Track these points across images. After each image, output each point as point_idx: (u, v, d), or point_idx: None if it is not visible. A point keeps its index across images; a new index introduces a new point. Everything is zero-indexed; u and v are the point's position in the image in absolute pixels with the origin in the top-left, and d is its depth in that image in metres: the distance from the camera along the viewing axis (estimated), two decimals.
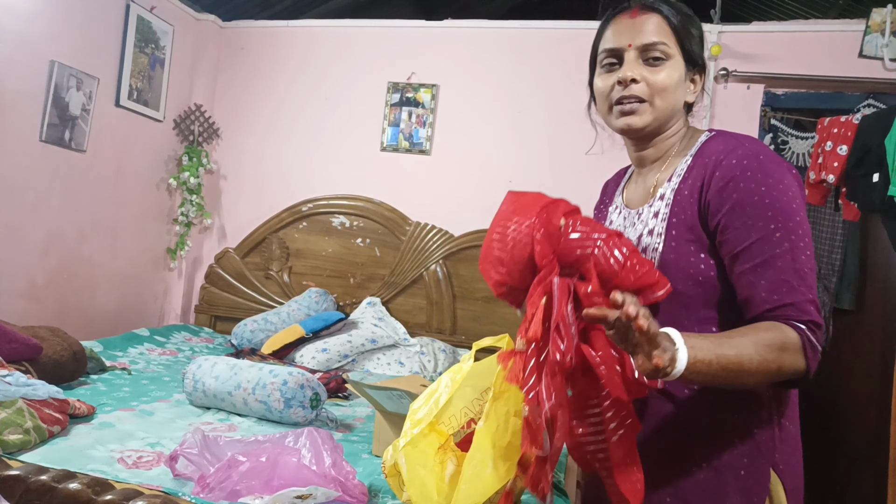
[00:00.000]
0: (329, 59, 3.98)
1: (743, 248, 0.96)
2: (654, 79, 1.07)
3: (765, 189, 0.96)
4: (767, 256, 0.95)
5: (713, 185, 1.00)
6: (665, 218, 1.06)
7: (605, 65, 1.13)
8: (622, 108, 1.10)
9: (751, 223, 0.96)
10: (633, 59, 1.08)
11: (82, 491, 1.26)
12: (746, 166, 0.98)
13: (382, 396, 1.82)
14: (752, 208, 0.96)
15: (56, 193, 3.20)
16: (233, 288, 3.95)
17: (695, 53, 1.11)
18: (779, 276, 0.94)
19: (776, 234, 0.95)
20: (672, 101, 1.09)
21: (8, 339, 2.20)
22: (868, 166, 2.74)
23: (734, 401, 1.00)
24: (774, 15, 3.81)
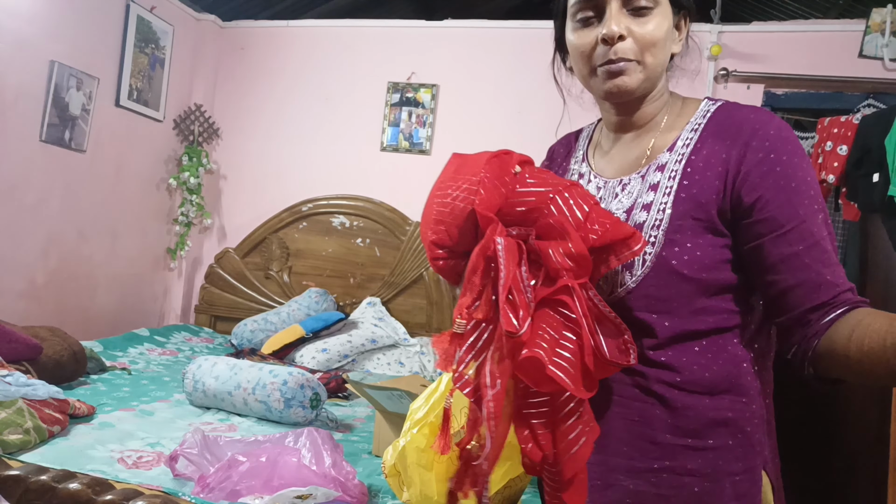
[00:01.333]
0: (329, 59, 3.98)
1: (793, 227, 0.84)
2: (642, 31, 0.90)
3: (806, 166, 0.87)
4: (819, 238, 0.84)
5: (749, 157, 0.87)
6: (670, 191, 0.90)
7: (580, 19, 0.94)
8: (609, 68, 0.92)
9: (796, 200, 0.85)
10: (616, 9, 0.90)
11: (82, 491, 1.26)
12: (786, 139, 0.87)
13: (382, 396, 1.82)
14: (797, 184, 0.85)
15: (56, 193, 3.20)
16: (233, 288, 3.95)
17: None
18: (831, 259, 0.85)
19: (820, 215, 0.86)
20: (663, 56, 0.94)
21: (8, 339, 2.20)
22: (868, 166, 2.74)
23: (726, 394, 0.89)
24: (774, 15, 3.82)
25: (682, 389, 0.88)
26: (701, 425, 0.88)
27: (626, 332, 0.83)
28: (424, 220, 0.96)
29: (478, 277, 0.84)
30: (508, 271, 0.80)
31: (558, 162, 1.15)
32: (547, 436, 0.83)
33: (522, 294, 0.80)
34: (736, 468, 0.88)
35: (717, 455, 0.88)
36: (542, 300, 0.82)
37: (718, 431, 0.88)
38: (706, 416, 0.88)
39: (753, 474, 0.90)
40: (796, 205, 0.85)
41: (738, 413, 0.89)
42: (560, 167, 1.13)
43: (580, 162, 1.08)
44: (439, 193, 0.95)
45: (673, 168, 0.92)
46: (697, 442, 0.88)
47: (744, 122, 0.91)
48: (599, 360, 0.81)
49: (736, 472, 0.88)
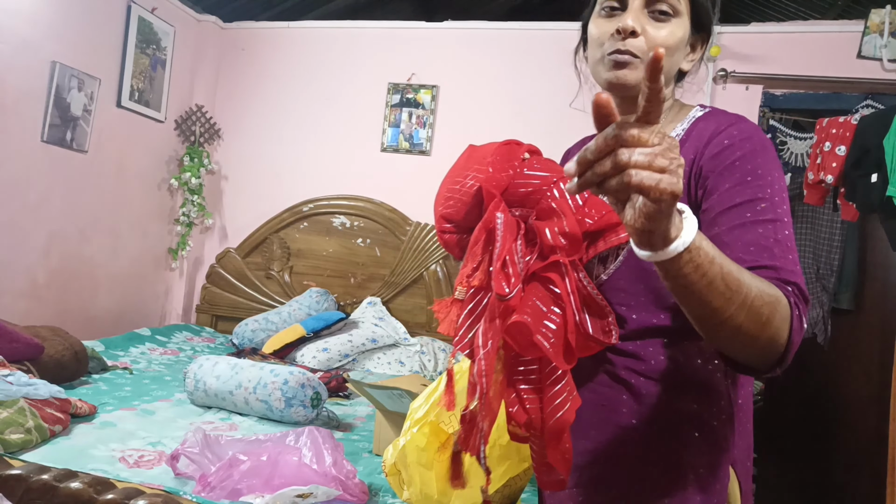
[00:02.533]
0: (330, 60, 3.99)
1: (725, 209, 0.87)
2: (655, 34, 0.95)
3: (760, 161, 0.89)
4: (748, 220, 0.85)
5: (707, 152, 0.92)
6: None
7: (605, 7, 1.00)
8: (615, 59, 0.96)
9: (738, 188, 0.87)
10: (638, 6, 0.95)
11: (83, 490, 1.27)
12: (745, 138, 0.91)
13: (383, 396, 1.82)
14: (741, 175, 0.88)
15: (57, 194, 3.21)
16: (234, 288, 3.96)
17: (704, 14, 1.00)
18: (759, 240, 0.84)
19: (762, 204, 0.86)
20: (669, 63, 0.97)
21: (10, 339, 2.21)
22: (867, 166, 2.74)
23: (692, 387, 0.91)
24: (773, 16, 3.82)
25: (647, 378, 0.91)
26: (666, 415, 0.90)
27: (610, 315, 0.87)
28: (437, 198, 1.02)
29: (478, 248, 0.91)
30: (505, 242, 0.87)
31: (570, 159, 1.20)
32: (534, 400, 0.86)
33: (515, 265, 0.86)
34: (700, 462, 0.89)
35: (682, 446, 0.90)
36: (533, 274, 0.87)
37: (683, 423, 0.90)
38: (672, 407, 0.90)
39: (718, 470, 0.90)
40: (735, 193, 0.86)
41: (704, 408, 0.90)
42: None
43: None
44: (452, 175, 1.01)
45: None
46: (662, 431, 0.90)
47: (716, 121, 0.95)
48: (581, 335, 0.85)
49: (700, 465, 0.89)
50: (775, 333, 0.76)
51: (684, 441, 0.90)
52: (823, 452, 3.52)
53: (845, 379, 3.49)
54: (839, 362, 3.48)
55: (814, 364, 3.48)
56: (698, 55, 1.03)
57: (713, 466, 0.90)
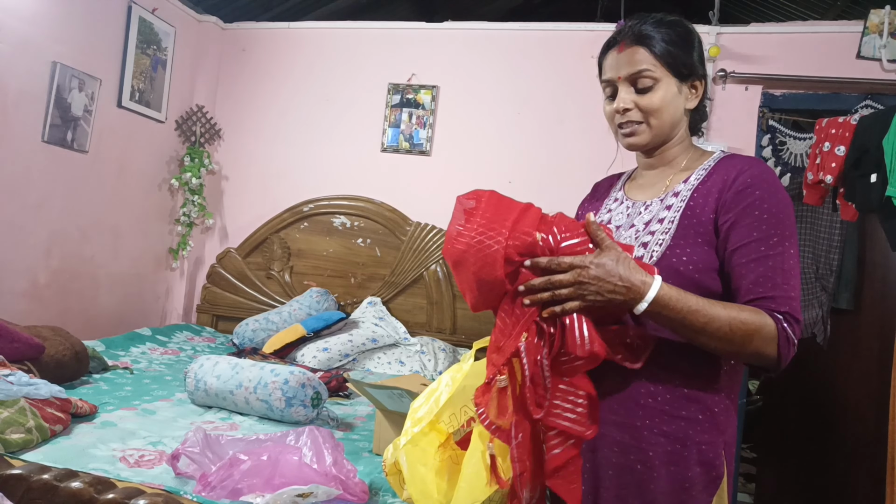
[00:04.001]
0: (330, 61, 3.99)
1: (744, 243, 1.08)
2: (645, 103, 1.19)
3: (774, 201, 1.09)
4: (762, 255, 1.07)
5: (733, 188, 1.12)
6: (679, 210, 1.16)
7: (607, 94, 1.26)
8: (623, 132, 1.23)
9: (755, 225, 1.08)
10: (624, 89, 1.21)
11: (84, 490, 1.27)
12: (763, 180, 1.11)
13: (383, 395, 1.83)
14: (759, 213, 1.08)
15: (58, 194, 3.21)
16: (234, 288, 3.96)
17: (686, 68, 1.20)
18: (767, 272, 1.06)
19: (773, 239, 1.07)
20: (668, 116, 1.20)
21: (10, 339, 2.21)
22: (866, 167, 2.74)
23: (700, 378, 1.11)
24: (773, 16, 3.83)
25: (662, 368, 1.11)
26: (676, 398, 1.11)
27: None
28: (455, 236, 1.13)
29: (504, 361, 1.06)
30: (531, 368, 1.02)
31: (600, 193, 1.41)
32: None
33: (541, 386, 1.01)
34: (702, 438, 1.10)
35: (688, 425, 1.10)
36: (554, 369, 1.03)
37: (690, 406, 1.11)
38: (681, 392, 1.11)
39: (716, 447, 1.11)
40: (753, 228, 1.09)
41: (708, 395, 1.12)
42: (601, 198, 1.40)
43: (618, 190, 1.36)
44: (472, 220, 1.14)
45: (684, 194, 1.19)
46: (672, 410, 1.10)
47: (737, 164, 1.16)
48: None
49: (702, 441, 1.10)
50: (757, 351, 1.03)
51: (689, 420, 1.10)
52: (823, 452, 3.52)
53: (844, 379, 3.50)
54: (838, 362, 3.48)
55: (813, 364, 3.48)
56: (700, 91, 1.24)
57: (712, 444, 1.10)
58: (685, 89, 1.22)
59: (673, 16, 1.24)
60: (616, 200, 1.34)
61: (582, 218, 1.33)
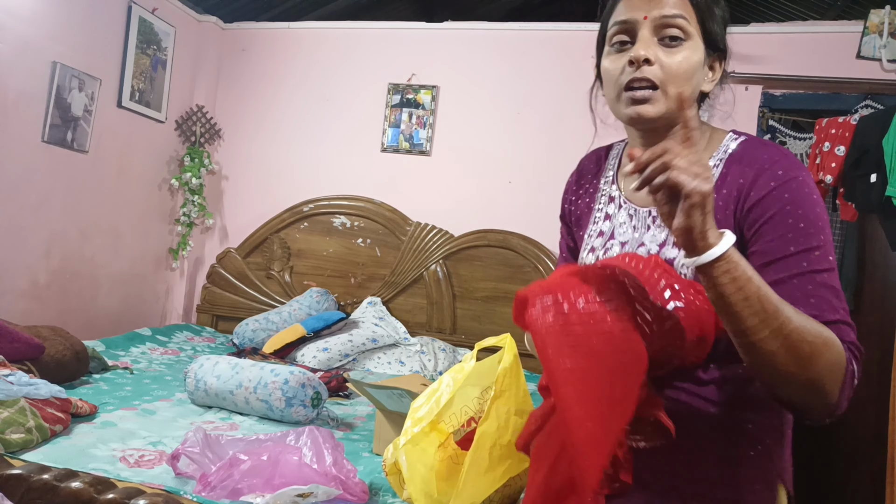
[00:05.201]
0: (330, 61, 3.99)
1: (782, 256, 0.88)
2: (669, 61, 0.94)
3: (809, 204, 0.90)
4: (807, 269, 0.87)
5: (754, 194, 0.92)
6: None
7: (615, 43, 0.99)
8: (632, 95, 0.96)
9: (792, 235, 0.89)
10: (647, 35, 0.95)
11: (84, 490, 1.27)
12: (792, 178, 0.91)
13: (383, 395, 1.83)
14: (794, 220, 0.89)
15: (58, 194, 3.21)
16: (234, 288, 3.96)
17: (717, 35, 1.00)
18: (818, 290, 0.86)
19: (817, 251, 0.88)
20: (689, 89, 0.96)
21: (10, 339, 2.21)
22: (866, 167, 2.75)
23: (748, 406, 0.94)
24: (773, 16, 3.83)
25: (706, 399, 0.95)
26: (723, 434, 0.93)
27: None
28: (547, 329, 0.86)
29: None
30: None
31: (588, 179, 1.19)
32: None
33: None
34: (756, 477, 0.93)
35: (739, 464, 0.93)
36: None
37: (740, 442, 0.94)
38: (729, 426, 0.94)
39: (771, 485, 0.94)
40: (790, 239, 0.89)
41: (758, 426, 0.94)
42: (591, 184, 1.18)
43: (610, 183, 1.13)
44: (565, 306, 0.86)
45: None
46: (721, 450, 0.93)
47: (756, 160, 0.95)
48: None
49: (755, 481, 0.93)
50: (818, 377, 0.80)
51: (741, 459, 0.93)
52: (823, 451, 3.52)
53: None
54: None
55: None
56: (718, 74, 1.04)
57: (767, 482, 0.94)
58: (706, 64, 1.01)
59: None
60: (612, 200, 1.11)
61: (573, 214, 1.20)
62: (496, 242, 3.61)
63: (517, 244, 3.56)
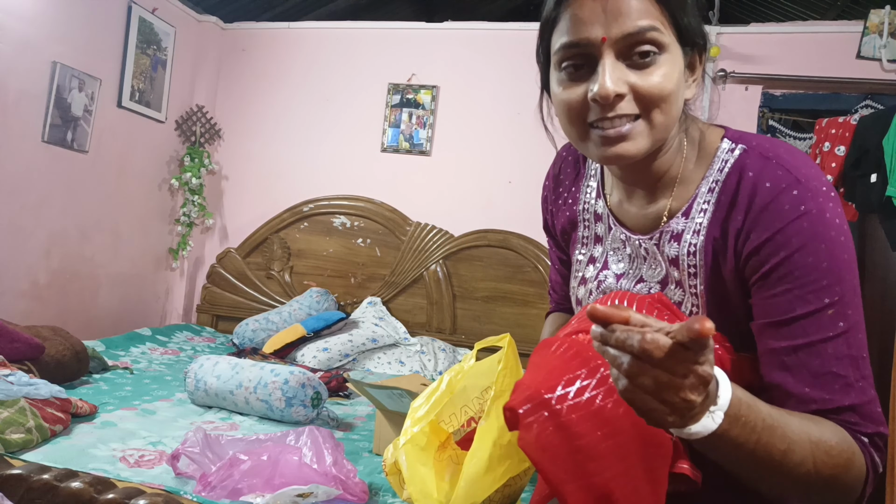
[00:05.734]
0: (330, 61, 3.99)
1: (783, 319, 0.72)
2: (646, 85, 0.73)
3: (823, 246, 0.71)
4: (815, 338, 0.71)
5: (754, 236, 0.74)
6: (696, 272, 0.81)
7: (566, 68, 0.79)
8: (605, 134, 0.75)
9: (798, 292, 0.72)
10: (611, 61, 0.73)
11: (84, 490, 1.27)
12: (803, 213, 0.72)
13: (383, 395, 1.83)
14: (803, 271, 0.71)
15: (58, 194, 3.21)
16: (234, 288, 3.96)
17: (692, 29, 0.78)
18: (829, 366, 0.71)
19: (829, 311, 0.71)
20: (674, 109, 0.77)
21: (10, 339, 2.21)
22: (866, 167, 2.75)
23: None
24: (773, 16, 3.83)
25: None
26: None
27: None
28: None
29: None
30: None
31: (566, 186, 1.01)
32: None
33: None
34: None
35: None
36: None
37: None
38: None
39: None
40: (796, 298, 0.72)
41: None
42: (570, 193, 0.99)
43: (594, 196, 0.95)
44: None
45: (692, 242, 0.81)
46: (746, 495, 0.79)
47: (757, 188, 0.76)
48: None
49: None
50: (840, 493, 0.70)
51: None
52: None
53: None
54: None
55: None
56: (699, 72, 0.83)
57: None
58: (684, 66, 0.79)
59: None
60: (599, 220, 0.93)
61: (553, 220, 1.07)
62: (496, 242, 3.61)
63: (517, 244, 3.57)
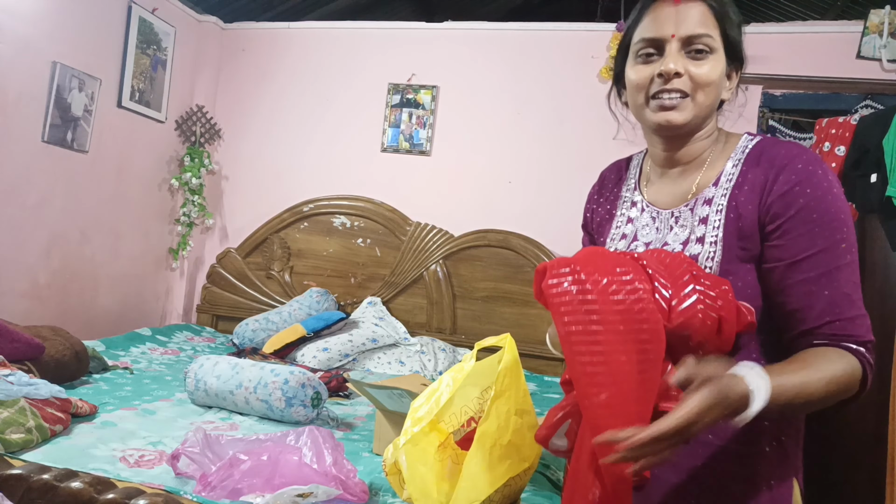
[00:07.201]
0: (330, 61, 3.99)
1: (807, 255, 0.92)
2: (698, 72, 1.00)
3: (831, 199, 0.93)
4: (832, 267, 0.92)
5: (776, 189, 0.95)
6: (720, 225, 1.00)
7: (641, 55, 1.04)
8: (662, 103, 1.01)
9: (817, 231, 0.92)
10: (675, 50, 1.00)
11: (84, 490, 1.27)
12: (812, 172, 0.94)
13: (383, 395, 1.83)
14: (819, 216, 0.92)
15: (58, 194, 3.21)
16: (234, 288, 3.96)
17: (737, 44, 1.05)
18: (841, 288, 0.92)
19: (842, 245, 0.92)
20: (713, 97, 1.03)
21: (10, 339, 2.21)
22: (866, 167, 2.75)
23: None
24: (773, 16, 3.83)
25: None
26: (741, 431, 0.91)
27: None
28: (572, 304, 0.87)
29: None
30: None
31: (609, 187, 1.23)
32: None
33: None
34: (772, 473, 0.97)
35: (756, 460, 0.97)
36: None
37: (757, 439, 0.97)
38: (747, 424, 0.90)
39: (787, 480, 0.99)
40: (816, 235, 0.92)
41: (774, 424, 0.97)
42: (612, 193, 1.22)
43: (632, 190, 1.18)
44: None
45: (719, 202, 1.01)
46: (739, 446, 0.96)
47: (776, 156, 0.99)
48: None
49: (772, 477, 0.97)
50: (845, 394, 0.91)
51: (758, 455, 0.97)
52: (823, 451, 3.52)
53: None
54: None
55: None
56: (735, 82, 1.09)
57: (783, 478, 0.98)
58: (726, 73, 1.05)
59: None
60: (634, 205, 1.16)
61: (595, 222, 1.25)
62: (496, 242, 3.61)
63: (517, 244, 3.57)
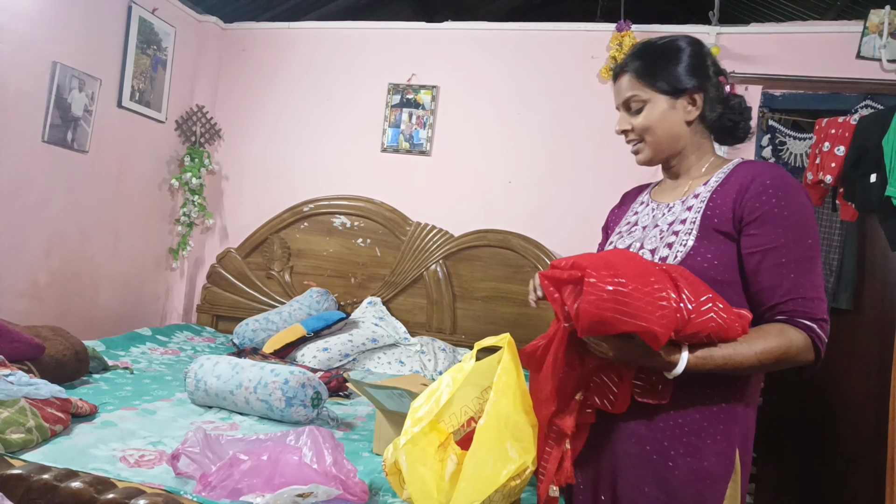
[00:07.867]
0: (330, 61, 4.00)
1: (778, 245, 1.14)
2: (636, 123, 1.31)
3: (799, 203, 1.15)
4: (800, 257, 1.13)
5: (751, 191, 1.17)
6: (699, 210, 1.23)
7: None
8: (631, 149, 1.37)
9: (788, 225, 1.14)
10: (622, 114, 1.35)
11: (84, 489, 1.27)
12: (785, 180, 1.17)
13: (383, 395, 1.83)
14: (790, 213, 1.14)
15: (58, 194, 3.21)
16: (234, 288, 3.96)
17: (675, 82, 1.27)
18: (806, 274, 1.14)
19: (808, 241, 1.14)
20: (662, 132, 1.30)
21: (10, 339, 2.21)
22: (865, 167, 2.74)
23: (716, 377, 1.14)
24: (772, 16, 3.83)
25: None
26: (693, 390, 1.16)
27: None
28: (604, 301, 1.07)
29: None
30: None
31: (627, 201, 1.51)
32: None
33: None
34: (718, 430, 1.16)
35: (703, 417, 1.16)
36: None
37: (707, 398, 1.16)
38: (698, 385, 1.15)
39: (731, 440, 1.16)
40: (786, 229, 1.14)
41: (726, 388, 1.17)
42: (628, 204, 1.50)
43: (645, 195, 1.47)
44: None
45: (704, 195, 1.26)
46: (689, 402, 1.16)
47: (752, 169, 1.22)
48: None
49: (717, 433, 1.16)
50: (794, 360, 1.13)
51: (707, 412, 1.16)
52: (823, 451, 3.52)
53: (844, 378, 3.50)
54: (838, 362, 3.48)
55: None
56: (700, 101, 1.29)
57: (727, 436, 1.16)
58: (680, 103, 1.28)
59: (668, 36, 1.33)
60: (642, 203, 1.44)
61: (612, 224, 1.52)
62: (496, 242, 3.61)
63: (517, 244, 3.57)
